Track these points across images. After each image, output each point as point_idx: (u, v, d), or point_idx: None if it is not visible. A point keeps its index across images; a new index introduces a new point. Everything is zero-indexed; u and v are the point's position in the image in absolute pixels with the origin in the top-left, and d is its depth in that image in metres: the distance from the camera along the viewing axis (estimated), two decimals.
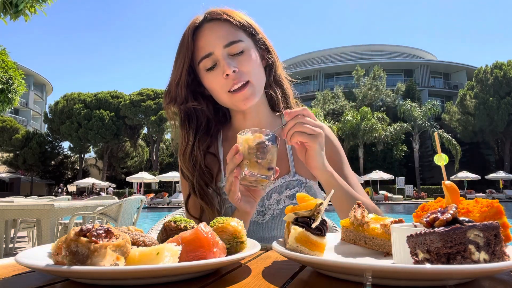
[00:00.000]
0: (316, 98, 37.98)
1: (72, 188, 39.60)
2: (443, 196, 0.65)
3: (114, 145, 37.22)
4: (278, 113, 1.26)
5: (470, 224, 0.49)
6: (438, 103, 33.72)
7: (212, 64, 1.08)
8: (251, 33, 1.13)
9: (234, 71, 1.05)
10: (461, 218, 0.50)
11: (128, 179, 27.80)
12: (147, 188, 32.80)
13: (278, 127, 0.97)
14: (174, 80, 1.12)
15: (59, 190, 31.88)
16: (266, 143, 0.87)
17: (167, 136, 38.21)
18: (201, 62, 1.09)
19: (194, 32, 1.11)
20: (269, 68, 1.20)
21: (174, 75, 1.12)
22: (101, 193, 28.16)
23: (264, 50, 1.17)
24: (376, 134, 30.83)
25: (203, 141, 1.17)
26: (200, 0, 1.18)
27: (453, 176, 27.59)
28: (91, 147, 38.48)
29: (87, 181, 30.94)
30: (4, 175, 36.44)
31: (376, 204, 1.06)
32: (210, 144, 1.22)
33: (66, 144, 40.19)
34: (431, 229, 0.50)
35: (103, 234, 0.51)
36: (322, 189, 1.12)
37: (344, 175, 1.15)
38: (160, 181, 30.74)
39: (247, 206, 0.95)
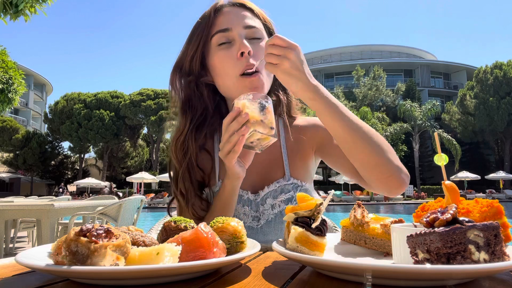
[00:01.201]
0: None
1: (72, 188, 39.61)
2: (443, 196, 0.64)
3: (114, 145, 37.22)
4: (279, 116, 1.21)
5: (470, 224, 0.49)
6: (438, 103, 33.70)
7: (226, 40, 1.03)
8: (269, 32, 1.12)
9: (249, 53, 1.00)
10: (461, 218, 0.50)
11: (128, 179, 27.77)
12: (147, 188, 32.79)
13: (260, 60, 0.98)
14: (189, 54, 1.08)
15: (61, 190, 31.81)
16: (265, 103, 0.89)
17: (167, 136, 38.16)
18: (215, 36, 1.04)
19: (214, 12, 1.06)
20: None
21: (190, 49, 1.08)
22: (118, 193, 27.97)
23: None
24: None
25: (197, 133, 1.13)
26: (201, 0, 1.18)
27: (453, 176, 27.56)
28: (91, 147, 38.51)
29: (87, 181, 30.93)
30: (4, 175, 36.45)
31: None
32: (206, 142, 1.19)
33: (66, 144, 40.28)
34: (431, 229, 0.50)
35: (103, 234, 0.51)
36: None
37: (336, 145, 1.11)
38: (160, 181, 30.70)
39: (240, 170, 0.97)
